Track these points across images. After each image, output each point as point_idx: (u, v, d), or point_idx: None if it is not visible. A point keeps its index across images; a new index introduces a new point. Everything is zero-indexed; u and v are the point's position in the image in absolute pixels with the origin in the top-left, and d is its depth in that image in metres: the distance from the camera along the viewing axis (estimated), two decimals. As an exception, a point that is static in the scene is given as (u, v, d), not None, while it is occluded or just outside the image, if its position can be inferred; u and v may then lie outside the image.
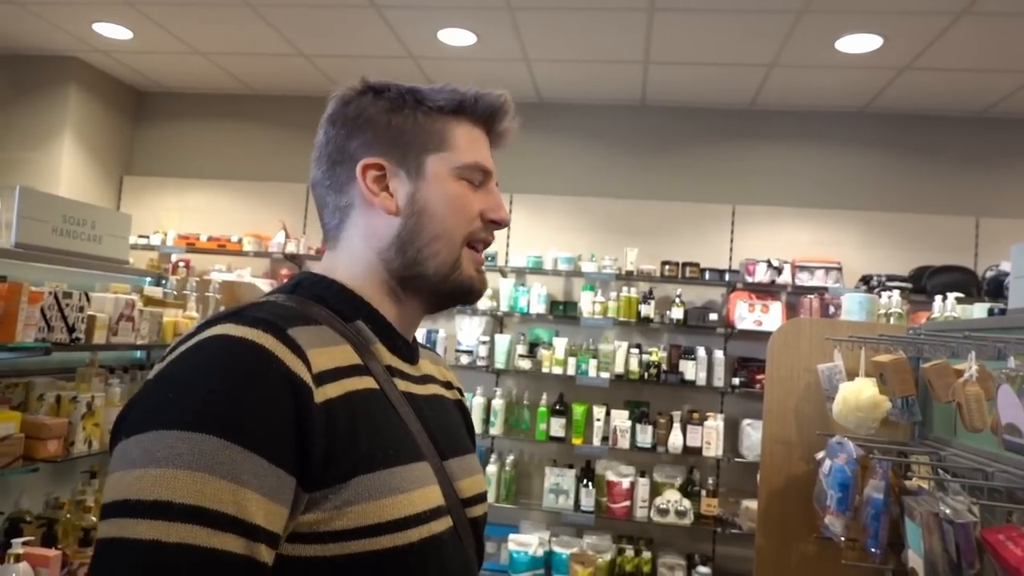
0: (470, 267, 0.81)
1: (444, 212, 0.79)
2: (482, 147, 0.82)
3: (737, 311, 4.01)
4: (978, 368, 1.31)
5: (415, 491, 0.69)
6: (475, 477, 0.83)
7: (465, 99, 0.81)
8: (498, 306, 4.32)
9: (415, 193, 0.79)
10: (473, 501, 0.81)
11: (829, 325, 2.09)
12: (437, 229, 0.79)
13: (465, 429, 0.92)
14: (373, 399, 0.71)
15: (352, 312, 0.77)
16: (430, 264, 0.79)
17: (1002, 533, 1.08)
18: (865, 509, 1.68)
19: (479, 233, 0.81)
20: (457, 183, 0.80)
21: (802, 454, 2.01)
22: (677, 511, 3.87)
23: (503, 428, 4.17)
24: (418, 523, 0.68)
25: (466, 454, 0.84)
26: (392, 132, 0.79)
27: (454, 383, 0.97)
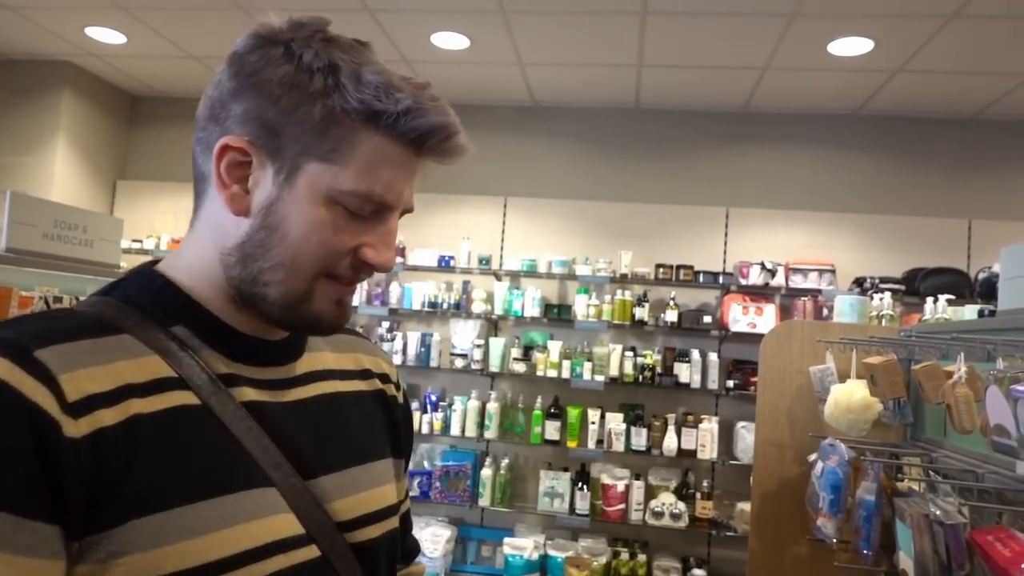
0: (324, 301, 0.66)
1: (298, 239, 0.63)
2: (389, 173, 0.64)
3: (731, 313, 4.01)
4: (967, 370, 1.31)
5: (233, 527, 0.58)
6: (365, 494, 0.71)
7: (385, 111, 0.62)
8: (492, 309, 4.32)
9: (275, 202, 0.64)
10: (359, 523, 0.69)
11: (821, 327, 2.10)
12: (284, 256, 0.64)
13: (386, 429, 0.80)
14: (182, 419, 0.60)
15: (170, 316, 0.65)
16: (271, 290, 0.65)
17: (991, 534, 1.08)
18: (857, 511, 1.68)
19: (341, 270, 0.66)
20: (329, 209, 0.63)
21: (795, 456, 2.01)
22: (672, 514, 3.87)
23: (498, 432, 4.16)
24: (237, 565, 0.58)
25: (358, 465, 0.72)
26: (277, 113, 0.62)
27: (376, 370, 0.83)
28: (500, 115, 4.68)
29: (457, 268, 4.37)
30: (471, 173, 4.66)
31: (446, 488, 4.14)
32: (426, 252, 4.43)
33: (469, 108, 4.68)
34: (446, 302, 4.36)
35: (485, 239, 4.57)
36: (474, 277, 4.45)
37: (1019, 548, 1.01)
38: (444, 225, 4.64)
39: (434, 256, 4.40)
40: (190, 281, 0.67)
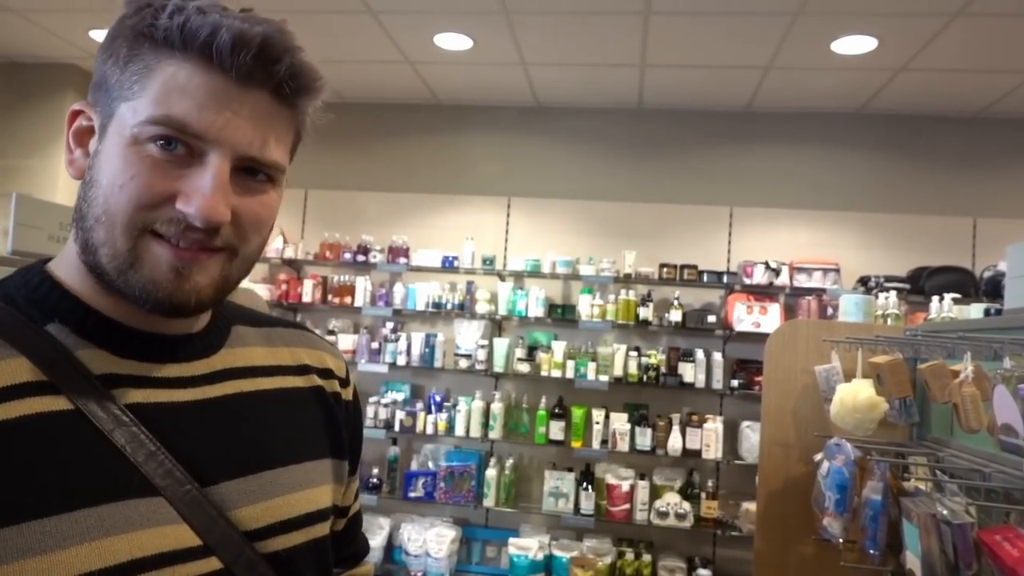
0: (157, 267, 0.58)
1: (107, 188, 0.58)
2: (192, 97, 0.57)
3: (735, 313, 4.01)
4: (974, 369, 1.31)
5: (96, 541, 0.53)
6: (278, 500, 0.65)
7: (167, 26, 0.57)
8: (496, 310, 4.32)
9: (95, 156, 0.60)
10: (270, 532, 0.64)
11: (826, 327, 2.09)
12: (99, 208, 0.58)
13: (324, 428, 0.74)
14: (41, 427, 0.54)
15: (44, 313, 0.60)
16: (101, 256, 0.59)
17: (999, 534, 1.08)
18: (863, 510, 1.68)
19: (161, 226, 0.58)
20: (135, 151, 0.57)
21: (800, 456, 2.01)
22: (677, 514, 3.86)
23: (502, 432, 4.16)
24: None
25: (274, 468, 0.66)
26: (102, 64, 0.60)
27: (317, 365, 0.77)
28: (503, 116, 4.68)
29: (461, 268, 4.37)
30: (474, 173, 4.67)
31: (451, 489, 4.14)
32: (430, 253, 4.44)
33: (472, 108, 4.69)
34: (450, 303, 4.36)
35: (489, 239, 4.57)
36: (478, 277, 4.45)
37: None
38: (448, 226, 4.64)
39: (438, 257, 4.40)
40: (65, 272, 0.63)
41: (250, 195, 0.62)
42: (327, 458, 0.73)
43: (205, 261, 0.60)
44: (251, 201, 0.62)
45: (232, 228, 0.60)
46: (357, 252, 4.50)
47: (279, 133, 0.62)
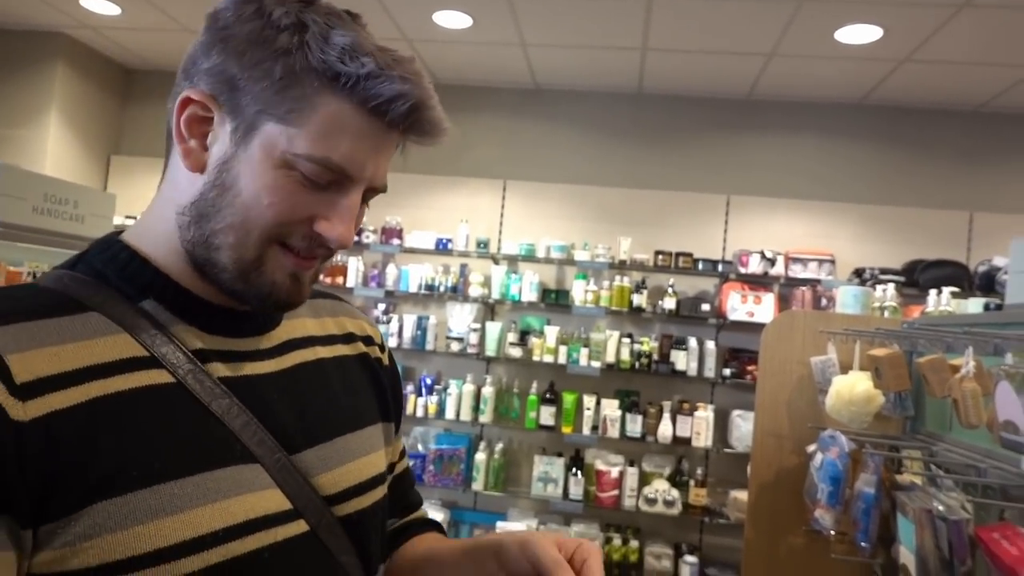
0: (278, 272, 0.62)
1: (249, 201, 0.60)
2: (350, 142, 0.60)
3: (729, 302, 3.99)
4: (975, 364, 1.29)
5: (211, 505, 0.57)
6: (351, 465, 0.70)
7: (346, 73, 0.58)
8: (489, 293, 4.29)
9: (229, 160, 0.61)
10: (345, 496, 0.68)
11: (823, 318, 2.08)
12: (235, 218, 0.61)
13: (374, 393, 0.78)
14: (152, 399, 0.58)
15: (138, 290, 0.62)
16: (223, 255, 0.62)
17: (996, 531, 1.06)
18: (856, 503, 1.67)
19: (294, 241, 0.62)
20: (284, 173, 0.60)
21: (793, 447, 2.00)
22: (665, 501, 3.87)
23: (492, 416, 4.15)
24: (217, 542, 0.56)
25: (344, 435, 0.70)
26: (240, 68, 0.60)
27: (360, 334, 0.81)
28: (501, 97, 4.63)
29: (455, 251, 4.34)
30: (470, 155, 4.62)
31: (440, 471, 4.13)
32: (424, 234, 4.40)
33: (470, 89, 4.63)
34: (443, 285, 4.33)
35: (484, 222, 4.53)
36: (472, 260, 4.42)
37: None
38: (442, 207, 4.60)
39: (432, 239, 4.36)
40: (153, 249, 0.65)
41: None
42: (379, 422, 0.77)
43: (314, 265, 0.65)
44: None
45: None
46: (350, 232, 4.46)
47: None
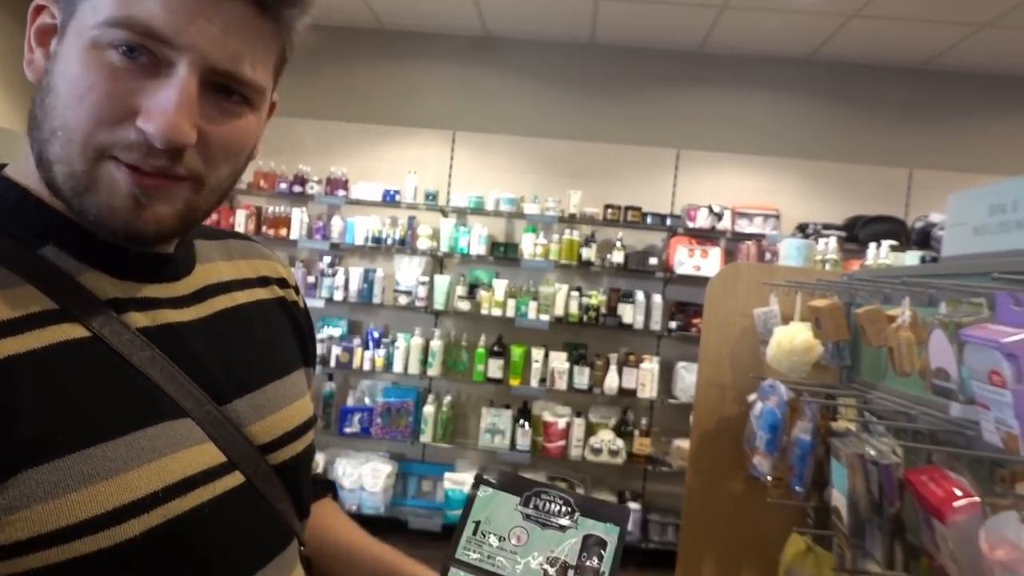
0: (114, 193, 0.53)
1: (67, 100, 0.52)
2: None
3: (677, 256, 4.03)
4: (911, 314, 1.32)
5: (147, 465, 0.52)
6: (282, 412, 0.67)
7: None
8: (438, 246, 4.24)
9: (53, 59, 0.53)
10: (278, 444, 0.66)
11: (767, 270, 2.10)
12: (56, 122, 0.52)
13: (294, 337, 0.75)
14: (70, 355, 0.52)
15: (35, 235, 0.55)
16: (56, 172, 0.53)
17: (925, 474, 1.10)
18: (792, 450, 1.71)
19: (122, 150, 0.52)
20: (93, 56, 0.51)
21: (735, 397, 2.04)
22: (610, 450, 3.95)
23: (441, 369, 4.14)
24: (157, 503, 0.52)
25: (271, 382, 0.67)
26: None
27: (274, 276, 0.76)
28: (451, 45, 4.50)
29: (402, 203, 4.25)
30: (419, 105, 4.50)
31: (387, 424, 4.12)
32: (370, 186, 4.29)
33: (419, 36, 4.48)
34: (390, 238, 4.26)
35: (432, 174, 4.44)
36: (420, 213, 4.34)
37: (951, 487, 1.03)
38: (389, 158, 4.49)
39: (378, 190, 4.27)
40: (36, 184, 0.56)
41: (223, 117, 0.55)
42: (301, 367, 0.74)
43: (168, 189, 0.54)
44: (223, 124, 0.55)
45: (200, 154, 0.55)
46: (293, 183, 4.32)
47: (259, 49, 0.56)
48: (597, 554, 0.63)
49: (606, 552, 0.63)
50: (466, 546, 0.63)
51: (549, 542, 0.63)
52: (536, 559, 0.62)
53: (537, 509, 0.65)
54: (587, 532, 0.64)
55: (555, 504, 0.65)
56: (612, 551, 0.63)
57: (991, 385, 0.90)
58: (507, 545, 0.63)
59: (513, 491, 0.67)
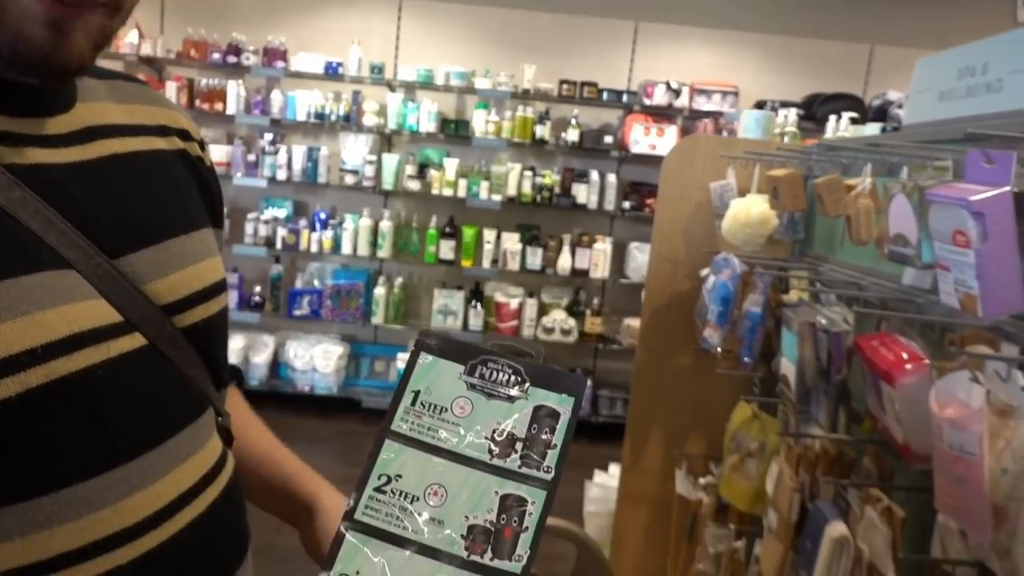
0: (27, 19, 0.47)
1: None
2: None
3: (632, 134, 3.94)
4: (871, 182, 1.29)
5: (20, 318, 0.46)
6: (188, 271, 0.60)
7: None
8: (385, 123, 4.05)
9: None
10: (186, 304, 0.59)
11: (725, 143, 2.04)
12: None
13: (199, 194, 0.67)
14: None
15: None
16: None
17: (876, 339, 1.10)
18: (742, 322, 1.72)
19: None
20: None
21: (687, 272, 2.03)
22: (562, 330, 4.00)
23: (391, 251, 4.06)
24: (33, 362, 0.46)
25: (174, 237, 0.60)
26: None
27: (174, 126, 0.68)
28: None
29: (346, 76, 4.01)
30: (361, -34, 4.16)
31: (337, 307, 4.07)
32: (311, 57, 4.02)
33: None
34: (334, 113, 4.04)
35: (377, 45, 4.17)
36: (365, 87, 4.11)
37: (901, 351, 1.03)
38: (332, 28, 4.19)
39: (320, 62, 4.00)
40: None
41: None
42: (210, 227, 0.68)
43: (87, 16, 0.49)
44: None
45: None
46: (227, 53, 4.02)
47: None
48: (549, 426, 0.58)
49: (559, 424, 0.58)
50: (403, 417, 0.57)
51: (496, 413, 0.58)
52: (481, 431, 0.57)
53: (483, 378, 0.59)
54: (538, 403, 0.58)
55: (503, 373, 0.59)
56: (565, 423, 0.58)
57: (954, 246, 0.88)
58: (449, 416, 0.58)
59: (456, 359, 0.60)
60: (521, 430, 0.57)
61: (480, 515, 0.54)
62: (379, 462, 0.55)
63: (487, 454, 0.56)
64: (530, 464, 0.56)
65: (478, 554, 0.52)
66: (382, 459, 0.55)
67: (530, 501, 0.54)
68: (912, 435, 1.01)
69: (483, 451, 0.56)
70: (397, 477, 0.55)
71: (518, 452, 0.56)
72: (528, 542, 0.53)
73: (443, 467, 0.55)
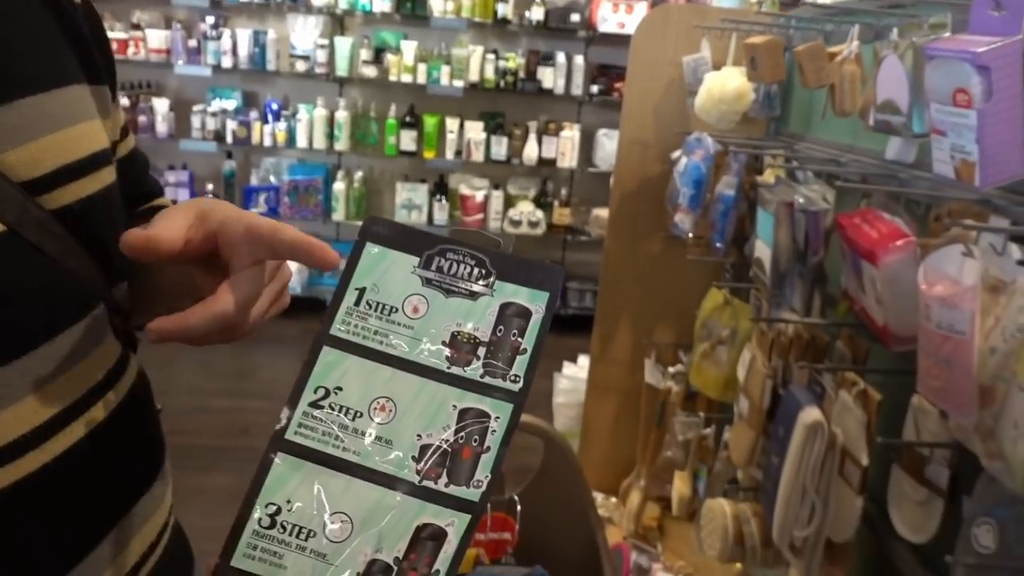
0: None
1: None
2: None
3: (600, 12, 3.71)
4: (857, 45, 1.18)
5: None
6: (51, 138, 0.48)
7: None
8: (336, 3, 3.75)
9: None
10: (54, 181, 0.48)
11: (699, 12, 1.90)
12: None
13: (66, 41, 0.53)
14: None
15: None
16: None
17: (858, 217, 1.03)
18: (715, 206, 1.65)
19: None
20: None
21: (658, 155, 1.93)
22: (530, 222, 3.91)
23: (349, 143, 3.88)
24: None
25: (30, 95, 0.47)
26: None
27: None
28: None
29: (289, -52, 3.68)
30: None
31: (296, 203, 3.91)
32: (249, -74, 3.66)
33: None
34: (279, -8, 3.73)
35: (322, -88, 3.81)
36: (311, -39, 3.79)
37: (886, 229, 0.97)
38: None
39: (259, -68, 3.65)
40: None
41: None
42: (85, 83, 0.54)
43: None
44: None
45: None
46: (155, -78, 3.64)
47: None
48: (518, 327, 0.48)
49: (529, 325, 0.48)
50: (345, 319, 0.48)
51: (455, 313, 0.48)
52: (437, 335, 0.48)
53: (441, 272, 0.49)
54: (506, 300, 0.49)
55: (465, 265, 0.50)
56: (537, 324, 0.48)
57: (953, 107, 0.79)
58: (399, 318, 0.48)
59: (410, 249, 0.50)
60: (485, 332, 0.48)
61: (435, 433, 0.46)
62: (315, 372, 0.46)
63: (444, 361, 0.47)
64: (495, 373, 0.47)
65: (431, 479, 0.45)
66: (319, 369, 0.46)
67: (493, 416, 0.46)
68: (893, 317, 0.95)
69: (440, 358, 0.48)
70: (337, 390, 0.46)
71: (481, 359, 0.48)
72: (489, 464, 0.45)
73: (392, 377, 0.47)
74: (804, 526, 1.04)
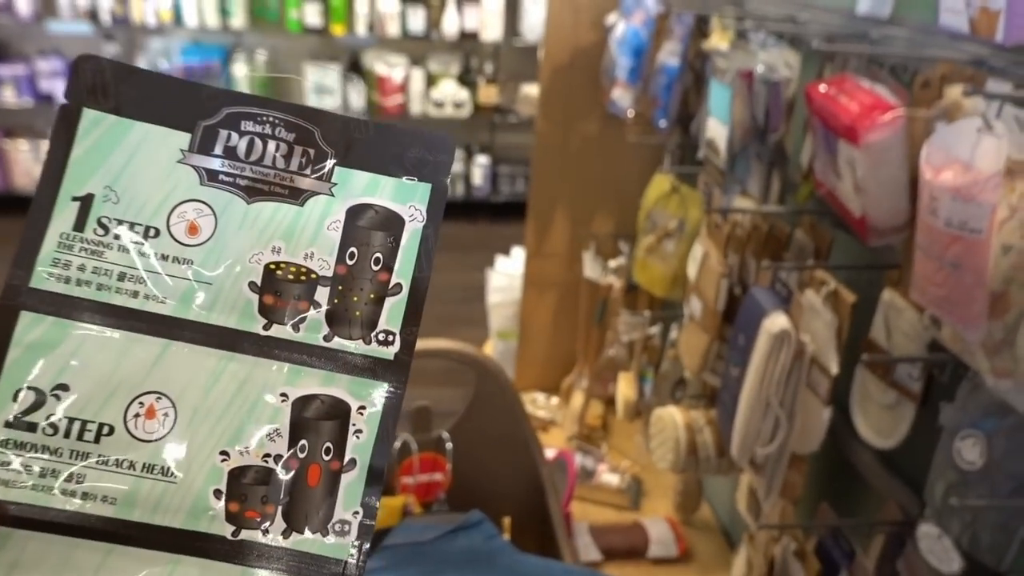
0: None
1: None
2: None
3: None
4: None
5: None
6: None
7: None
8: None
9: None
10: None
11: None
12: None
13: None
14: None
15: None
16: None
17: (833, 86, 0.86)
18: (656, 79, 1.46)
19: None
20: None
21: (592, 19, 1.70)
22: (454, 103, 3.63)
23: (247, 19, 3.44)
24: None
25: None
26: None
27: None
28: None
29: None
30: None
31: (192, 91, 3.50)
32: None
33: None
34: None
35: None
36: None
37: (868, 100, 0.80)
38: None
39: None
40: None
41: None
42: None
43: None
44: None
45: None
46: None
47: None
48: (383, 249, 0.28)
49: (403, 241, 0.28)
50: (58, 258, 0.27)
51: (267, 230, 0.27)
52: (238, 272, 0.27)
53: (235, 157, 0.28)
54: (356, 200, 0.28)
55: (278, 142, 0.28)
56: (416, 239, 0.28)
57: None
58: (165, 246, 0.27)
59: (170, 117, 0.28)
60: (325, 261, 0.28)
61: (251, 447, 0.27)
62: (10, 365, 0.26)
63: (255, 319, 0.28)
64: (349, 332, 0.28)
65: (254, 527, 0.27)
66: (16, 359, 0.26)
67: (354, 407, 0.28)
68: (874, 206, 0.81)
69: (247, 314, 0.28)
70: (57, 392, 0.26)
71: (322, 308, 0.28)
72: (358, 492, 0.28)
73: (163, 355, 0.27)
74: (767, 442, 0.93)
